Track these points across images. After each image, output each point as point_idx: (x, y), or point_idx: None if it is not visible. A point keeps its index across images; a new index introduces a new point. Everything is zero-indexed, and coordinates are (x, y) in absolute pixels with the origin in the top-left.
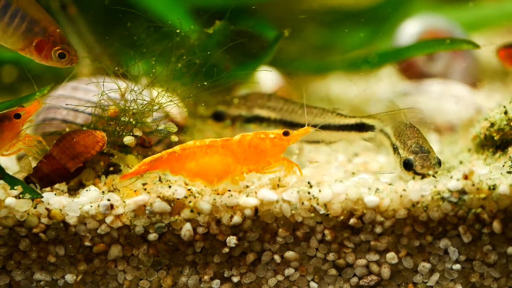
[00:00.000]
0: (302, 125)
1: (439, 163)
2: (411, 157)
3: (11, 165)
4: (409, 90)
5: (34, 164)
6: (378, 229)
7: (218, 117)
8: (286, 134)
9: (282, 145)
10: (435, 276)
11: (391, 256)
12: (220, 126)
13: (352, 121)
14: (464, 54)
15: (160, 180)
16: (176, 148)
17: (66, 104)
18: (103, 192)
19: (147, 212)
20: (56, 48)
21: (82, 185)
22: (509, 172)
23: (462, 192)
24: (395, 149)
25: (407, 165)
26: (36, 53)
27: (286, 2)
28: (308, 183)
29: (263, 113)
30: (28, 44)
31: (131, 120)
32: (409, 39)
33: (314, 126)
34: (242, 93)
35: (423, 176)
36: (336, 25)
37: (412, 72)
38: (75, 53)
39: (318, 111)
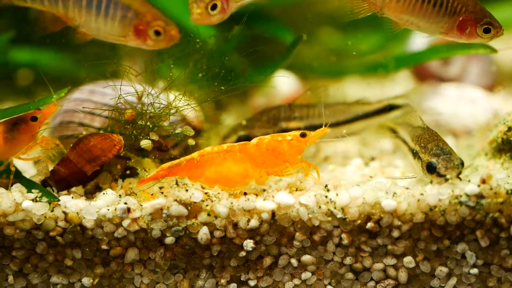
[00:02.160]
0: (334, 124)
1: (462, 164)
2: (434, 159)
3: (28, 168)
4: (425, 94)
5: (51, 167)
6: (395, 233)
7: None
8: (303, 135)
9: (299, 146)
10: (452, 281)
11: (408, 260)
12: None
13: (380, 105)
14: (480, 57)
15: (177, 183)
16: (195, 154)
17: (83, 108)
18: (120, 195)
19: (164, 215)
20: (151, 28)
21: (99, 189)
22: None
23: (480, 196)
24: (415, 154)
25: (430, 168)
26: (138, 39)
27: (302, 6)
28: (325, 186)
29: (292, 125)
30: (128, 31)
31: (148, 123)
32: (423, 44)
33: (343, 123)
34: (260, 111)
35: (447, 178)
36: (351, 29)
37: (428, 76)
38: (174, 29)
39: (344, 107)
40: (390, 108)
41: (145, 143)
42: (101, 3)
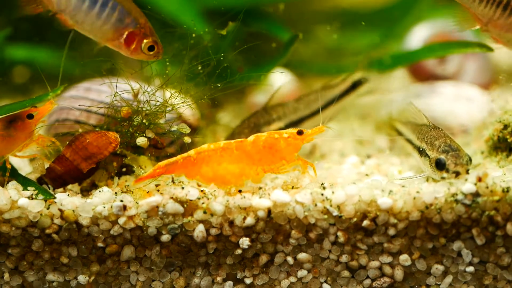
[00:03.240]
0: (309, 116)
1: (470, 160)
2: (442, 156)
3: (23, 165)
4: (421, 92)
5: (46, 165)
6: (391, 231)
7: None
8: (300, 133)
9: (296, 144)
10: (448, 278)
11: (404, 258)
12: None
13: (347, 85)
14: (476, 55)
15: (173, 181)
16: (191, 152)
17: (79, 105)
18: (116, 193)
19: (160, 213)
20: (147, 40)
21: (95, 186)
22: None
23: (476, 194)
24: (422, 152)
25: (439, 165)
26: (125, 45)
27: (299, 3)
28: (322, 184)
29: (273, 127)
30: (118, 35)
31: (144, 121)
32: (419, 42)
33: (317, 112)
34: (239, 124)
35: (457, 174)
36: (348, 27)
37: (424, 74)
38: (161, 47)
39: (314, 96)
40: (355, 85)
41: (141, 141)
42: (97, 1)
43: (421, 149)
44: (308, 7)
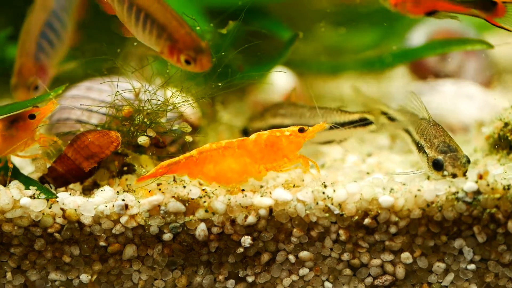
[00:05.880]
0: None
1: (468, 161)
2: (440, 157)
3: (25, 165)
4: (422, 90)
5: (48, 164)
6: (393, 229)
7: (245, 133)
8: (301, 130)
9: (298, 142)
10: (450, 276)
11: (405, 256)
12: None
13: (355, 116)
14: (477, 53)
15: (174, 180)
16: (193, 152)
17: (81, 105)
18: (117, 192)
19: (161, 212)
20: (183, 56)
21: (96, 185)
22: None
23: (477, 192)
24: (420, 148)
25: (437, 165)
26: (171, 58)
27: (299, 2)
28: (323, 183)
29: (276, 121)
30: (162, 49)
31: (145, 120)
32: (420, 40)
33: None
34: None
35: (454, 176)
36: (348, 25)
37: (425, 72)
38: (205, 58)
39: (325, 111)
40: (365, 120)
41: (142, 140)
42: (139, 16)
43: (420, 145)
44: (308, 5)
